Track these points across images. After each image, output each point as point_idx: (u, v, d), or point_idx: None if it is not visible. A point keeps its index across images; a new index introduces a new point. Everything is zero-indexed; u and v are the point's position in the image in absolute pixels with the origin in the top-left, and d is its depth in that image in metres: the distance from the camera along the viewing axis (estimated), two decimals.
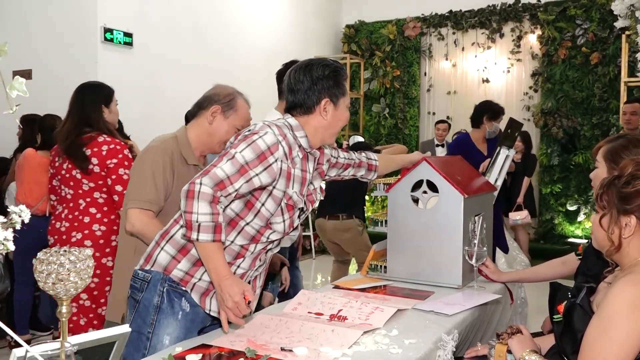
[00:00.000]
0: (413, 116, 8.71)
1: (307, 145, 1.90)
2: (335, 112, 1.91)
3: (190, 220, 1.68)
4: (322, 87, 1.87)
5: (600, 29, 7.40)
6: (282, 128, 1.84)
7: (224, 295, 1.70)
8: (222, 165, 1.73)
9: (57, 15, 5.62)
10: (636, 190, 1.46)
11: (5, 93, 0.96)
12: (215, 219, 1.69)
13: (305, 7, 8.55)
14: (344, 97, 1.93)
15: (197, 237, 1.68)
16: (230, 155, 1.74)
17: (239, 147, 1.76)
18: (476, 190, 2.51)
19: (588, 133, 7.48)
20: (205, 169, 1.75)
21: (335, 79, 1.89)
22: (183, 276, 1.85)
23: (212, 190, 1.69)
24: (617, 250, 1.51)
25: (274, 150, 1.77)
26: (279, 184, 1.81)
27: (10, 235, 0.98)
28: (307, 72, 1.88)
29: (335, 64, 1.93)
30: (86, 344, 1.11)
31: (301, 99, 1.88)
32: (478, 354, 1.90)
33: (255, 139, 1.77)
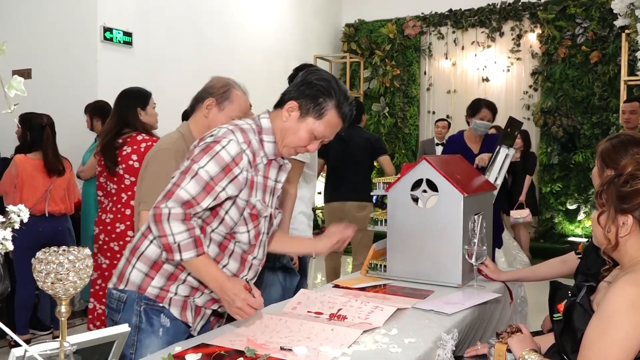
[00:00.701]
0: (413, 115, 8.71)
1: (271, 152, 1.80)
2: (296, 124, 1.78)
3: (167, 243, 1.64)
4: (302, 91, 1.78)
5: (600, 27, 7.40)
6: (247, 132, 1.76)
7: (229, 297, 1.68)
8: (185, 186, 1.65)
9: (56, 15, 5.61)
10: (634, 189, 1.46)
11: (4, 92, 0.96)
12: (192, 233, 1.65)
13: (305, 7, 8.55)
14: (314, 119, 1.77)
15: (181, 257, 1.65)
16: (193, 172, 1.66)
17: (201, 161, 1.68)
18: (476, 189, 2.51)
19: (588, 132, 7.48)
20: (168, 190, 1.67)
21: (317, 95, 1.77)
22: (158, 292, 1.80)
23: (182, 209, 1.64)
24: (614, 249, 1.51)
25: (238, 160, 1.70)
26: (242, 193, 1.75)
27: (9, 235, 0.97)
28: (308, 72, 1.84)
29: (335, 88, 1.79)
30: (85, 343, 1.11)
31: (286, 92, 1.83)
32: (478, 353, 1.90)
33: (218, 149, 1.68)
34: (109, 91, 5.28)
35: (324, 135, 1.81)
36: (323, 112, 1.77)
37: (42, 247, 1.08)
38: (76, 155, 4.61)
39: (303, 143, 1.80)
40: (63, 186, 4.10)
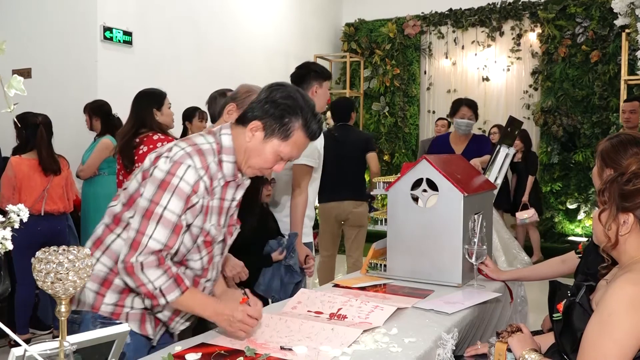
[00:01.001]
0: (413, 114, 8.70)
1: (229, 174, 1.71)
2: (261, 145, 1.68)
3: (147, 291, 1.59)
4: (266, 110, 1.67)
5: (600, 27, 7.39)
6: (206, 155, 1.65)
7: (227, 317, 1.65)
8: (153, 234, 1.57)
9: (56, 14, 5.61)
10: (636, 188, 1.47)
11: (4, 92, 0.96)
12: (170, 274, 1.60)
13: (305, 6, 8.54)
14: (279, 140, 1.67)
15: (166, 300, 1.61)
16: (157, 216, 1.57)
17: (162, 201, 1.57)
18: (476, 189, 2.51)
19: (588, 131, 7.48)
20: (133, 239, 1.58)
21: (283, 114, 1.66)
22: (113, 309, 1.72)
23: (154, 256, 1.58)
24: (614, 247, 1.51)
25: (196, 188, 1.61)
26: (197, 220, 1.67)
27: (9, 234, 0.97)
28: (273, 89, 1.71)
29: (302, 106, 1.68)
30: (85, 343, 1.11)
31: (249, 108, 1.72)
32: (478, 352, 1.90)
33: (176, 183, 1.58)
34: (108, 91, 5.30)
35: (291, 156, 1.73)
36: (289, 133, 1.67)
37: (41, 246, 1.08)
38: (76, 155, 4.60)
39: (268, 165, 1.71)
40: (61, 184, 4.10)
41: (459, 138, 4.34)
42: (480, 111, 8.24)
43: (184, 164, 1.60)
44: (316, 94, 3.06)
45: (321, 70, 3.19)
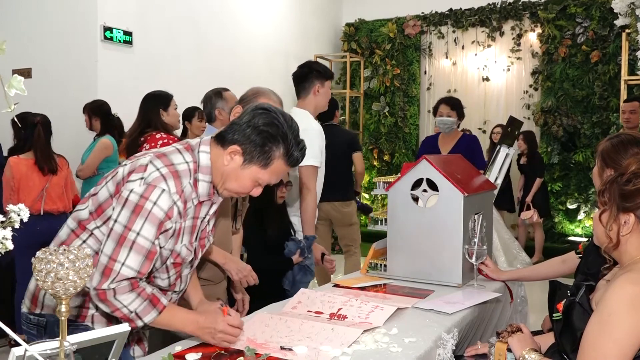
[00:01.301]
0: (413, 114, 8.70)
1: (205, 194, 1.66)
2: (239, 170, 1.63)
3: (123, 315, 1.55)
4: (246, 136, 1.62)
5: (600, 27, 7.39)
6: (182, 178, 1.60)
7: (208, 329, 1.64)
8: (125, 261, 1.53)
9: (57, 14, 5.61)
10: (637, 188, 1.47)
11: (4, 92, 0.96)
12: (145, 295, 1.57)
13: (305, 6, 8.54)
14: (258, 167, 1.63)
15: (143, 322, 1.58)
16: (130, 242, 1.53)
17: (135, 226, 1.53)
18: (476, 189, 2.51)
19: (588, 131, 7.47)
20: (105, 266, 1.53)
21: (264, 142, 1.61)
22: (78, 312, 1.70)
23: (127, 282, 1.54)
24: (615, 248, 1.51)
25: (170, 214, 1.57)
26: (169, 243, 1.63)
27: (9, 234, 0.97)
28: (256, 112, 1.65)
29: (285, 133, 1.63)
30: (85, 342, 1.11)
31: (229, 128, 1.66)
32: (478, 352, 1.90)
33: (149, 207, 1.53)
34: (108, 90, 5.30)
35: (269, 182, 1.69)
36: (269, 161, 1.63)
37: (41, 246, 1.08)
38: (75, 154, 4.61)
39: (246, 190, 1.68)
40: (60, 184, 4.10)
41: (446, 138, 4.27)
42: (481, 111, 8.37)
43: (158, 187, 1.55)
44: (318, 93, 3.10)
45: (323, 70, 3.20)
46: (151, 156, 1.63)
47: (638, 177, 1.48)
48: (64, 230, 1.72)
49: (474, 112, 8.40)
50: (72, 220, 1.71)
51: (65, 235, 1.70)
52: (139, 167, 1.60)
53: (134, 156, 1.71)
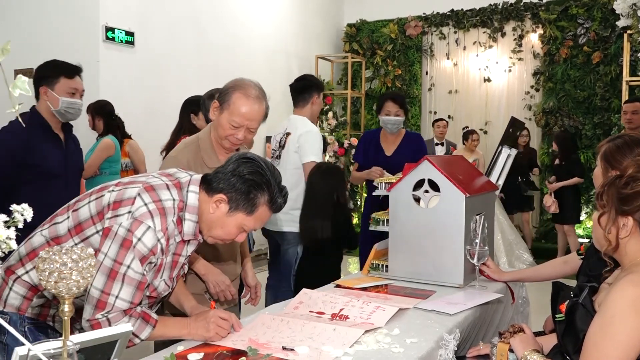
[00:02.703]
0: (414, 115, 8.70)
1: (190, 233, 1.70)
2: (224, 218, 1.68)
3: None
4: (231, 184, 1.66)
5: (602, 28, 7.39)
6: (167, 216, 1.63)
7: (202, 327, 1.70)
8: (119, 294, 1.57)
9: (59, 14, 5.62)
10: (635, 192, 1.47)
11: (8, 92, 0.96)
12: (136, 315, 1.62)
13: (307, 6, 8.54)
14: (244, 214, 1.67)
15: (140, 339, 1.64)
16: (121, 275, 1.56)
17: (125, 260, 1.56)
18: (478, 190, 2.51)
19: (589, 132, 7.47)
20: (97, 299, 1.56)
21: (249, 190, 1.66)
22: (40, 311, 1.74)
23: (120, 312, 1.58)
24: (615, 250, 1.52)
25: (155, 251, 1.62)
26: (148, 277, 1.67)
27: (13, 234, 0.98)
28: (240, 162, 1.70)
29: (269, 181, 1.68)
30: (88, 342, 1.11)
31: (216, 175, 1.70)
32: (480, 353, 1.90)
33: (135, 242, 1.57)
34: (110, 91, 5.30)
35: (254, 228, 1.75)
36: (254, 208, 1.68)
37: None
38: None
39: (231, 237, 1.73)
40: None
41: (390, 137, 3.88)
42: (482, 112, 8.37)
43: (144, 224, 1.59)
44: (315, 103, 3.63)
45: (320, 84, 3.82)
46: (140, 188, 1.65)
47: (636, 180, 1.48)
48: (37, 237, 1.72)
49: (475, 113, 8.40)
50: (49, 230, 1.72)
51: (37, 243, 1.72)
52: (127, 199, 1.63)
53: (122, 182, 1.73)
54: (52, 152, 2.77)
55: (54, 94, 2.75)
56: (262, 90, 2.27)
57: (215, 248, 2.32)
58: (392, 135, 3.84)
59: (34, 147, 2.71)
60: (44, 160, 2.73)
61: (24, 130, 2.63)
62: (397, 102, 3.78)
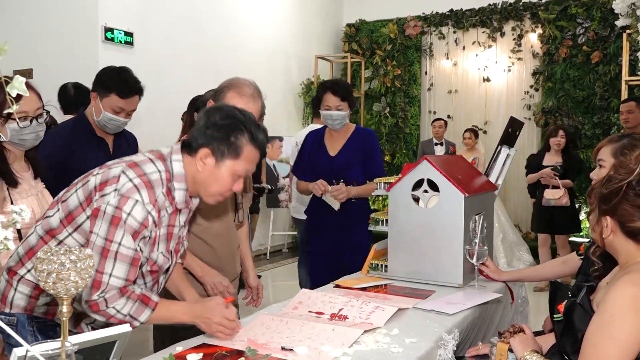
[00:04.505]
0: (414, 115, 8.70)
1: (181, 201, 1.71)
2: (215, 171, 1.68)
3: (119, 320, 1.58)
4: (209, 136, 1.66)
5: (601, 27, 7.39)
6: (155, 187, 1.63)
7: (204, 318, 1.68)
8: (112, 272, 1.56)
9: (58, 15, 5.62)
10: (610, 191, 1.48)
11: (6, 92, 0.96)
12: (134, 297, 1.61)
13: (306, 6, 8.54)
14: (232, 160, 1.67)
15: (140, 322, 1.62)
16: (114, 253, 1.56)
17: (116, 237, 1.56)
18: (477, 189, 2.51)
19: (589, 132, 7.47)
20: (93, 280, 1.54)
21: (228, 134, 1.65)
22: (46, 309, 1.74)
23: (116, 290, 1.57)
24: (603, 249, 1.55)
25: (146, 224, 1.61)
26: (145, 251, 1.67)
27: (11, 235, 0.98)
28: (210, 112, 1.71)
29: (243, 119, 1.68)
30: (87, 343, 1.11)
31: (192, 134, 1.70)
32: (479, 352, 1.90)
33: (124, 218, 1.56)
34: None
35: (247, 172, 1.73)
36: (239, 150, 1.67)
37: None
38: None
39: (228, 187, 1.71)
40: None
41: (334, 135, 3.33)
42: (481, 112, 8.37)
43: (132, 198, 1.58)
44: None
45: None
46: (123, 166, 1.65)
47: (611, 180, 1.49)
48: (33, 236, 1.73)
49: (474, 113, 8.40)
50: (42, 227, 1.71)
51: (34, 241, 1.72)
52: (112, 178, 1.62)
53: (106, 165, 1.72)
54: (94, 156, 2.72)
55: (99, 105, 2.72)
56: (256, 88, 2.27)
57: (213, 247, 2.31)
58: (338, 133, 3.30)
59: (76, 151, 2.69)
60: (84, 164, 2.72)
61: (68, 134, 2.62)
62: (337, 93, 3.19)
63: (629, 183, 1.45)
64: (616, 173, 1.49)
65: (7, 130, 1.96)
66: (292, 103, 8.04)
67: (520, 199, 7.65)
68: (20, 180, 1.99)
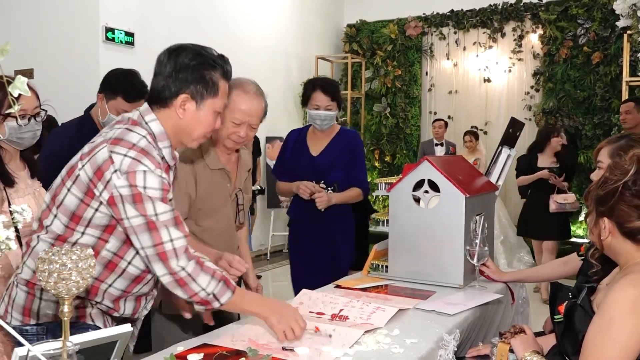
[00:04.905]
0: (414, 116, 8.70)
1: (170, 158, 1.67)
2: (197, 114, 1.65)
3: (201, 299, 1.58)
4: (184, 80, 1.62)
5: (601, 28, 7.39)
6: (149, 152, 1.57)
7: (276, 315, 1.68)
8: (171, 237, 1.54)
9: (58, 15, 5.62)
10: (606, 193, 1.48)
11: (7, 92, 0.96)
12: (218, 277, 1.60)
13: (307, 7, 8.55)
14: (212, 99, 1.65)
15: (221, 302, 1.62)
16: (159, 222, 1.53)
17: (148, 210, 1.52)
18: (478, 190, 2.51)
19: (590, 133, 7.47)
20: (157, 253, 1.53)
21: (203, 74, 1.63)
22: (76, 313, 1.68)
23: (189, 257, 1.56)
24: (602, 250, 1.54)
25: (166, 187, 1.58)
26: None
27: (12, 234, 0.98)
28: (173, 56, 1.65)
29: (211, 55, 1.67)
30: (88, 343, 1.11)
31: (159, 86, 1.64)
32: (480, 353, 1.90)
33: (143, 192, 1.52)
34: None
35: (223, 107, 1.73)
36: (217, 87, 1.65)
37: None
38: None
39: (211, 127, 1.69)
40: None
41: (318, 134, 3.18)
42: (482, 113, 8.37)
43: (138, 171, 1.52)
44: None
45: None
46: (106, 146, 1.56)
47: (606, 181, 1.50)
48: (41, 244, 1.64)
49: (475, 114, 8.40)
50: (49, 237, 1.63)
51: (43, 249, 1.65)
52: (103, 163, 1.54)
53: (83, 153, 1.63)
54: None
55: (105, 107, 2.72)
56: (259, 87, 2.27)
57: (211, 248, 2.30)
58: (322, 133, 3.15)
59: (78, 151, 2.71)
60: None
61: (73, 133, 2.62)
62: (328, 92, 3.05)
63: (624, 183, 1.45)
64: (611, 174, 1.50)
65: (6, 128, 1.94)
66: (292, 103, 8.03)
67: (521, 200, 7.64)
68: (17, 179, 1.97)
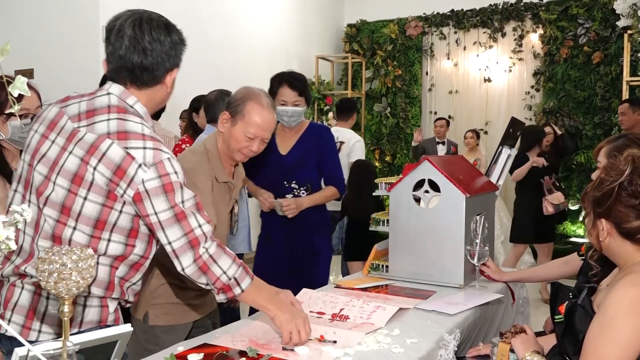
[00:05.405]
0: (415, 115, 8.70)
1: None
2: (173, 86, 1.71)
3: (223, 284, 1.58)
4: (178, 54, 1.66)
5: (602, 28, 7.39)
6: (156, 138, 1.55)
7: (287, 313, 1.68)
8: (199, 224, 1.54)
9: (58, 15, 5.62)
10: (602, 194, 1.48)
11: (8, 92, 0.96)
12: (238, 262, 1.62)
13: (307, 6, 8.54)
14: (176, 70, 1.70)
15: (242, 288, 1.62)
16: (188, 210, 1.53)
17: (176, 199, 1.51)
18: (478, 190, 2.51)
19: (590, 132, 7.47)
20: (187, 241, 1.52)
21: (175, 45, 1.69)
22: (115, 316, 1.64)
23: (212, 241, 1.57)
24: (601, 251, 1.55)
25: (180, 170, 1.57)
26: None
27: (12, 234, 0.97)
28: (168, 32, 1.65)
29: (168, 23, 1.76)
30: (88, 343, 1.11)
31: (154, 62, 1.61)
32: (480, 353, 1.90)
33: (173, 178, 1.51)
34: None
35: None
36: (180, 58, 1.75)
37: None
38: None
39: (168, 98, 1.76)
40: None
41: (286, 132, 3.01)
42: (482, 112, 8.37)
43: (162, 160, 1.50)
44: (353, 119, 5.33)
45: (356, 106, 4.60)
46: (115, 143, 1.49)
47: (602, 182, 1.50)
48: None
49: (475, 113, 8.40)
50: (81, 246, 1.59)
51: None
52: (122, 161, 1.48)
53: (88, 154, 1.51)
54: None
55: None
56: (271, 98, 2.23)
57: None
58: (291, 130, 2.99)
59: None
60: None
61: None
62: (295, 87, 2.89)
63: (620, 184, 1.45)
64: (607, 175, 1.50)
65: (8, 128, 1.95)
66: None
67: None
68: None
